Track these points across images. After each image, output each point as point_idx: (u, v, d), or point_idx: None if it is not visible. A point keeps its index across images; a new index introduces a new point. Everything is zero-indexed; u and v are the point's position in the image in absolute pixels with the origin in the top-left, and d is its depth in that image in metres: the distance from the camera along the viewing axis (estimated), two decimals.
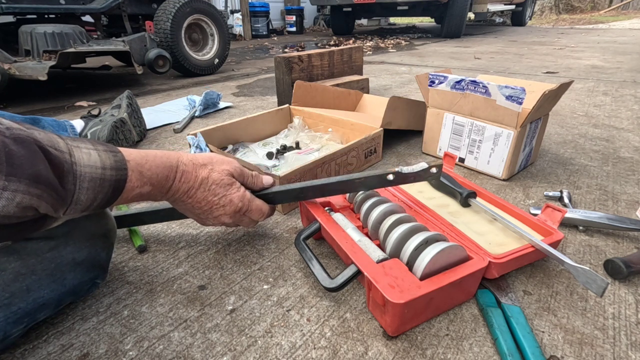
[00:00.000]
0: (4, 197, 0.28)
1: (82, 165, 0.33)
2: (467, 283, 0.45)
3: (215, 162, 0.48)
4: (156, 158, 0.41)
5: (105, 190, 0.36)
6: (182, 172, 0.44)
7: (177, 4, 1.82)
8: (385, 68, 2.26)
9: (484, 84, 0.74)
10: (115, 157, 0.37)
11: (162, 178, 0.42)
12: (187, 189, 0.45)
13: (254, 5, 4.48)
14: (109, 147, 0.37)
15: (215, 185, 0.47)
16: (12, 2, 1.52)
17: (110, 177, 0.36)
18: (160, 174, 0.42)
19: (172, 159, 0.44)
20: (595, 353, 0.41)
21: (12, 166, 0.28)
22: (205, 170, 0.46)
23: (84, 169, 0.34)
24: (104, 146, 0.37)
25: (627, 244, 0.58)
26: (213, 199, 0.47)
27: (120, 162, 0.37)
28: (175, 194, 0.45)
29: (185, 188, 0.45)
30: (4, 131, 0.29)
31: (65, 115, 1.34)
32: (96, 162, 0.35)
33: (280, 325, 0.45)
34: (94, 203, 0.35)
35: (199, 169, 0.46)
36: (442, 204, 0.61)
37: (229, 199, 0.48)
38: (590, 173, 0.83)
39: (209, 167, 0.47)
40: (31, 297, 0.38)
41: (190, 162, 0.46)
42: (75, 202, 0.34)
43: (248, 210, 0.50)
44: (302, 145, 0.92)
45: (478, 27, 5.76)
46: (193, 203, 0.47)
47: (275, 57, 1.27)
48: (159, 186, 0.42)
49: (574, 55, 2.63)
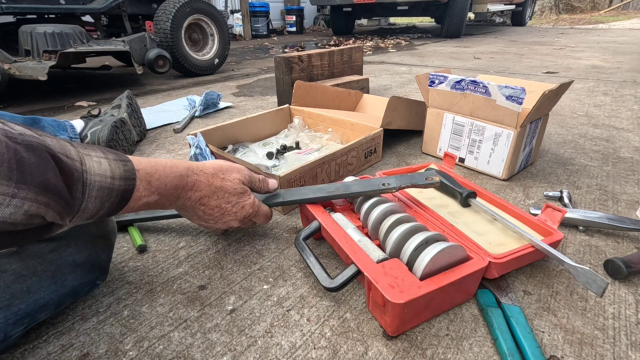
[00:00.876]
0: (12, 204, 0.28)
1: (93, 174, 0.33)
2: (467, 283, 0.45)
3: (225, 170, 0.49)
4: (166, 168, 0.42)
5: (112, 200, 0.35)
6: (194, 181, 0.45)
7: (177, 4, 1.82)
8: (385, 68, 2.26)
9: (484, 84, 0.74)
10: (125, 167, 0.37)
11: (171, 187, 0.42)
12: (200, 197, 0.46)
13: (254, 5, 4.47)
14: (119, 156, 0.37)
15: (229, 194, 0.48)
16: (12, 2, 1.52)
17: (119, 187, 0.36)
18: (169, 183, 0.42)
19: (182, 168, 0.44)
20: (595, 353, 0.41)
21: (22, 173, 0.28)
22: (218, 180, 0.48)
23: (94, 177, 0.33)
24: (114, 155, 0.37)
25: (627, 244, 0.58)
26: (226, 206, 0.48)
27: (129, 171, 0.37)
28: (187, 202, 0.46)
29: (197, 196, 0.46)
30: (17, 137, 0.29)
31: (65, 115, 1.34)
32: (106, 171, 0.35)
33: (280, 325, 0.45)
34: (100, 211, 0.35)
35: (211, 177, 0.47)
36: (442, 204, 0.61)
37: (241, 205, 0.50)
38: (590, 173, 0.83)
39: (220, 176, 0.48)
40: (32, 298, 0.38)
41: (201, 171, 0.46)
42: (82, 211, 0.33)
43: (256, 216, 0.52)
44: (302, 145, 0.92)
45: (478, 27, 5.76)
46: (205, 210, 0.48)
47: (275, 57, 1.27)
48: (167, 195, 0.42)
49: (574, 55, 2.63)
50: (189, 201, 0.46)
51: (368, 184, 0.56)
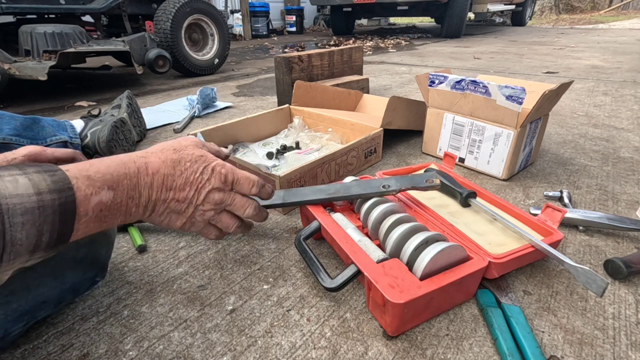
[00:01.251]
0: None
1: (8, 197, 0.27)
2: (467, 283, 0.45)
3: (170, 144, 0.43)
4: (102, 160, 0.36)
5: (50, 219, 0.29)
6: (144, 163, 0.38)
7: (177, 4, 1.82)
8: (385, 68, 2.26)
9: (484, 83, 0.74)
10: (53, 177, 0.30)
11: (120, 176, 0.35)
12: (162, 180, 0.39)
13: (254, 5, 4.48)
14: (43, 167, 0.31)
15: (190, 162, 0.42)
16: (12, 2, 1.52)
17: (52, 201, 0.29)
18: (114, 172, 0.35)
19: (122, 156, 0.38)
20: (595, 353, 0.41)
21: None
22: (169, 153, 0.41)
23: (11, 200, 0.27)
24: (36, 167, 0.30)
25: (627, 244, 0.58)
26: (195, 176, 0.42)
27: (60, 181, 0.30)
28: (153, 194, 0.39)
29: (159, 180, 0.39)
30: None
31: (65, 115, 1.34)
32: (27, 189, 0.28)
33: (280, 325, 0.45)
34: (42, 238, 0.29)
35: (162, 154, 0.41)
36: (442, 204, 0.61)
37: (210, 167, 0.43)
38: (590, 173, 0.83)
39: (170, 150, 0.42)
40: (31, 294, 0.38)
41: (147, 153, 0.40)
42: (11, 244, 0.27)
43: (236, 180, 0.45)
44: (302, 145, 0.92)
45: (478, 27, 5.76)
46: (176, 196, 0.41)
47: (275, 57, 1.27)
48: (122, 188, 0.35)
49: (574, 55, 2.63)
50: (153, 190, 0.38)
51: (368, 185, 0.55)
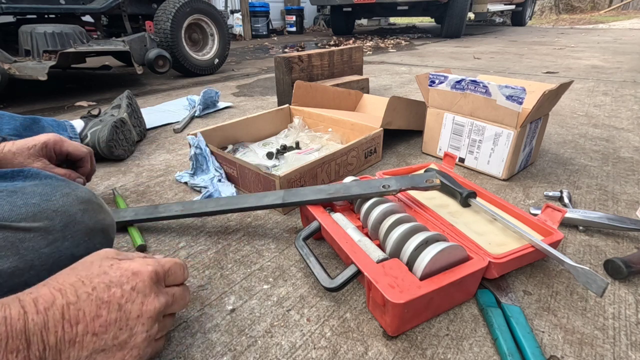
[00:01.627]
0: None
1: None
2: (467, 283, 0.45)
3: (71, 266, 0.35)
4: None
5: None
6: (31, 300, 0.29)
7: (177, 4, 1.82)
8: (385, 68, 2.26)
9: (484, 83, 0.74)
10: None
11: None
12: (62, 313, 0.30)
13: (254, 5, 4.48)
14: None
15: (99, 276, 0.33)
16: (12, 2, 1.52)
17: None
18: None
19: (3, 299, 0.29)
20: (595, 353, 0.41)
21: None
22: (66, 277, 0.33)
23: None
24: None
25: (627, 244, 0.58)
26: (112, 291, 0.33)
27: None
28: (48, 337, 0.29)
29: (56, 315, 0.29)
30: None
31: (65, 115, 1.34)
32: None
33: (280, 325, 0.45)
34: None
35: (55, 281, 0.33)
36: (442, 204, 0.61)
37: (129, 270, 0.35)
38: (590, 173, 0.83)
39: (68, 272, 0.34)
40: None
41: (36, 286, 0.32)
42: None
43: (167, 271, 0.37)
44: (302, 145, 0.92)
45: (478, 27, 5.75)
46: (92, 328, 0.31)
47: (275, 57, 1.27)
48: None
49: (574, 55, 2.63)
50: (51, 334, 0.29)
51: (368, 185, 0.56)
